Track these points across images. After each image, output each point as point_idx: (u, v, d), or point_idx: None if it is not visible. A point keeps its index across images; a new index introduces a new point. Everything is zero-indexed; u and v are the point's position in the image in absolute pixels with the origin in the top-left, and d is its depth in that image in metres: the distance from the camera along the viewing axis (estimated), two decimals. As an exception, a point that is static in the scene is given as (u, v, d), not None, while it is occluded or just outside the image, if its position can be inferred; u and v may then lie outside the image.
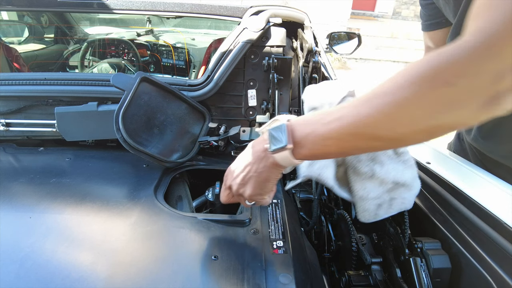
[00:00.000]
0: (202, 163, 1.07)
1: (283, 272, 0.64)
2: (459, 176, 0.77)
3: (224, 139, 1.08)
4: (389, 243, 0.73)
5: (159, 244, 0.69)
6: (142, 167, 0.99)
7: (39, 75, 1.10)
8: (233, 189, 0.64)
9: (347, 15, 8.65)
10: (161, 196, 0.85)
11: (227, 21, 1.31)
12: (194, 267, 0.64)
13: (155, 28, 2.39)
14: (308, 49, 1.12)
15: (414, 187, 0.67)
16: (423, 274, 0.63)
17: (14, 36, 2.18)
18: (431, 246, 0.65)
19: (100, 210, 0.78)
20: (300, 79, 1.19)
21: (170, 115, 1.07)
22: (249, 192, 0.62)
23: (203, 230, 0.74)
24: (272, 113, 1.17)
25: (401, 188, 0.66)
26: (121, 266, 0.62)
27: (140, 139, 0.96)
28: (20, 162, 1.03)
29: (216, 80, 1.12)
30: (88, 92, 1.09)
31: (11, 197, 0.81)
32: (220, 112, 1.22)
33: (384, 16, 12.19)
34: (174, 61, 2.25)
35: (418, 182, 0.68)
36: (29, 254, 0.62)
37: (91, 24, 2.44)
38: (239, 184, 0.62)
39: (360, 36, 1.51)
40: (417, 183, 0.68)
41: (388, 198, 0.67)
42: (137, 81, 0.98)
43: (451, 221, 0.68)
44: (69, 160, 1.03)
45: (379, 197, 0.66)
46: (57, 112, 1.05)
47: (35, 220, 0.72)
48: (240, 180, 0.62)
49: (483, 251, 0.59)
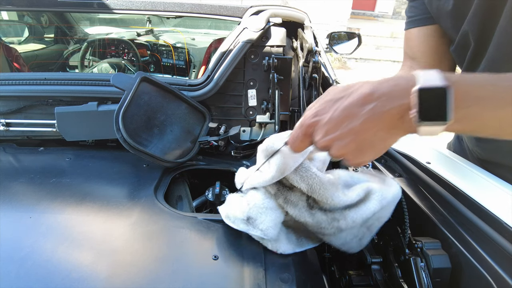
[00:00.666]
0: (202, 163, 1.07)
1: (283, 272, 0.64)
2: (459, 176, 0.77)
3: (224, 139, 1.08)
4: (389, 243, 0.73)
5: (159, 244, 0.69)
6: (142, 167, 0.99)
7: (39, 75, 1.10)
8: (335, 149, 0.46)
9: (347, 15, 8.65)
10: (161, 196, 0.85)
11: (227, 21, 1.31)
12: (194, 267, 0.64)
13: (155, 28, 2.39)
14: (308, 49, 1.12)
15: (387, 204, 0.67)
16: (423, 274, 0.63)
17: (14, 36, 2.18)
18: (431, 246, 0.65)
19: (100, 210, 0.78)
20: (300, 79, 1.19)
21: (170, 115, 1.07)
22: (363, 159, 0.48)
23: (203, 230, 0.74)
24: (272, 113, 1.17)
25: (375, 217, 0.67)
26: (121, 266, 0.62)
27: (140, 139, 0.96)
28: (20, 162, 1.03)
29: (216, 80, 1.12)
30: (88, 92, 1.09)
31: (11, 197, 0.81)
32: (220, 112, 1.22)
33: (384, 16, 12.20)
34: (174, 61, 2.25)
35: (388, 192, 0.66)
36: (29, 254, 0.62)
37: (91, 24, 2.44)
38: (352, 149, 0.46)
39: (360, 36, 1.51)
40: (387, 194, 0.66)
41: (366, 229, 0.69)
42: (137, 81, 0.98)
43: (451, 221, 0.68)
44: (69, 160, 1.03)
45: (357, 235, 0.69)
46: (57, 112, 1.05)
47: (35, 220, 0.72)
48: (354, 145, 0.45)
49: (483, 251, 0.59)
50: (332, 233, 0.66)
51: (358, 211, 0.64)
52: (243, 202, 0.68)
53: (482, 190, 0.70)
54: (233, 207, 0.70)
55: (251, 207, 0.67)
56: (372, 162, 1.03)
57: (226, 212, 0.71)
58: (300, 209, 0.66)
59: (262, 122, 1.19)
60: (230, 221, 0.70)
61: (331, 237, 0.68)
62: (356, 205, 0.65)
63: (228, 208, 0.71)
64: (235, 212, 0.68)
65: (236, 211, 0.68)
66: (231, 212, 0.70)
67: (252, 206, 0.66)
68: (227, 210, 0.71)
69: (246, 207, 0.67)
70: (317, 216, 0.66)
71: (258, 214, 0.66)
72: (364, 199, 0.65)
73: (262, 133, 1.20)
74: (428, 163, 0.86)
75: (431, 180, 0.80)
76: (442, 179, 0.76)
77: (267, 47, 1.19)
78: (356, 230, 0.67)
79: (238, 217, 0.67)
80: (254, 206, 0.66)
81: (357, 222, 0.64)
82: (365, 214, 0.64)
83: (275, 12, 1.21)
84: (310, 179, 0.63)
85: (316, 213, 0.66)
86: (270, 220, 0.65)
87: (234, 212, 0.69)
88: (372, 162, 1.04)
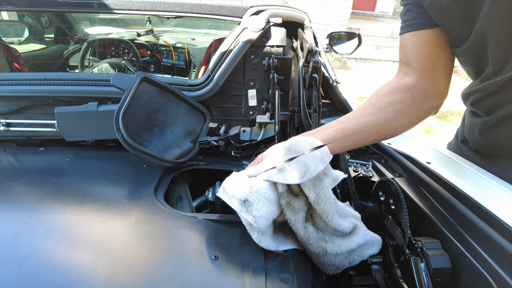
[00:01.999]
0: (202, 163, 1.07)
1: (283, 272, 0.64)
2: (459, 176, 0.77)
3: (224, 139, 1.08)
4: (389, 243, 0.73)
5: (159, 244, 0.69)
6: (142, 167, 0.99)
7: (39, 75, 1.10)
8: None
9: (347, 15, 8.64)
10: (161, 196, 0.85)
11: (227, 21, 1.31)
12: (194, 267, 0.64)
13: (155, 28, 2.39)
14: (308, 49, 1.12)
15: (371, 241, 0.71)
16: (423, 274, 0.63)
17: (14, 36, 2.18)
18: (431, 246, 0.65)
19: (100, 210, 0.78)
20: (300, 79, 1.19)
21: (170, 115, 1.07)
22: None
23: (203, 230, 0.74)
24: (272, 113, 1.17)
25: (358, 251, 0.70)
26: (121, 266, 0.62)
27: (140, 139, 0.96)
28: (21, 162, 1.03)
29: (216, 80, 1.12)
30: (88, 92, 1.09)
31: (11, 197, 0.81)
32: (220, 112, 1.22)
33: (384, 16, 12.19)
34: (174, 61, 2.25)
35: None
36: (29, 254, 0.62)
37: (91, 24, 2.44)
38: None
39: (360, 36, 1.51)
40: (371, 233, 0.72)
41: (348, 262, 0.70)
42: (137, 81, 0.98)
43: (451, 221, 0.68)
44: (69, 160, 1.03)
45: (337, 266, 0.70)
46: (57, 112, 1.05)
47: (35, 220, 0.72)
48: None
49: (484, 251, 0.59)
50: (316, 252, 0.68)
51: (345, 240, 0.68)
52: (246, 184, 0.67)
53: (482, 190, 0.70)
54: (234, 185, 0.69)
55: (252, 191, 0.66)
56: (372, 162, 1.03)
57: (226, 187, 0.70)
58: (298, 218, 0.68)
59: (262, 122, 1.19)
60: (227, 196, 0.68)
61: (313, 254, 0.70)
62: (345, 235, 0.69)
63: (229, 184, 0.70)
64: (235, 190, 0.67)
65: (237, 190, 0.67)
66: (230, 189, 0.68)
67: (253, 191, 0.66)
68: (228, 185, 0.70)
69: (248, 189, 0.66)
70: (308, 231, 0.68)
71: (257, 200, 0.65)
72: (352, 232, 0.70)
73: (262, 133, 1.20)
74: (428, 163, 0.86)
75: (431, 180, 0.80)
76: (442, 179, 0.76)
77: (267, 47, 1.19)
78: (338, 260, 0.69)
79: (236, 196, 0.66)
80: (255, 192, 0.65)
81: (343, 250, 0.68)
82: (351, 245, 0.68)
83: (275, 12, 1.21)
84: (321, 190, 0.64)
85: (309, 227, 0.68)
86: (265, 211, 0.64)
87: (234, 190, 0.67)
88: (372, 162, 1.04)
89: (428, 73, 0.79)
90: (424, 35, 0.77)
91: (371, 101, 0.81)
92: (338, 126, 0.79)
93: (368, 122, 0.78)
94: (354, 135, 0.78)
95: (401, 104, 0.78)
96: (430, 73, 0.79)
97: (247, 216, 0.64)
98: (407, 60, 0.81)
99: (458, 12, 0.69)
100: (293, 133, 1.22)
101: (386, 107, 0.79)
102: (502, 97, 0.73)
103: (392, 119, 0.79)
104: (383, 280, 0.71)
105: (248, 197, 0.65)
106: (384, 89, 0.82)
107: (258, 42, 1.16)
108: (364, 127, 0.78)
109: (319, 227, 0.69)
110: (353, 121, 0.79)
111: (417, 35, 0.78)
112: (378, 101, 0.80)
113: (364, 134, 0.78)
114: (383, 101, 0.80)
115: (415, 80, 0.79)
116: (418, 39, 0.79)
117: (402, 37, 0.82)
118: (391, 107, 0.78)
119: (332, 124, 0.80)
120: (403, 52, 0.82)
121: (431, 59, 0.78)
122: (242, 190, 0.66)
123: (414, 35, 0.79)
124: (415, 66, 0.80)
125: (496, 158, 0.81)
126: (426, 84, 0.79)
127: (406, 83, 0.80)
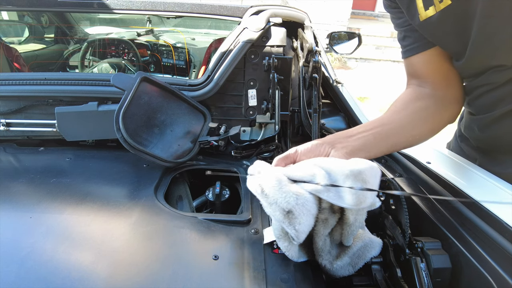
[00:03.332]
0: (202, 163, 1.07)
1: (283, 272, 0.64)
2: (459, 175, 0.77)
3: (225, 139, 1.08)
4: (389, 243, 0.72)
5: (159, 244, 0.69)
6: (142, 167, 0.99)
7: (39, 75, 1.10)
8: None
9: (347, 15, 8.64)
10: (161, 196, 0.85)
11: (227, 21, 1.31)
12: (194, 267, 0.64)
13: (155, 28, 2.39)
14: (309, 49, 1.12)
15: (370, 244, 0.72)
16: (423, 274, 0.63)
17: (14, 36, 2.18)
18: (431, 246, 0.65)
19: (100, 210, 0.78)
20: (301, 79, 1.19)
21: (170, 115, 1.07)
22: None
23: (203, 230, 0.74)
24: (273, 113, 1.17)
25: (359, 254, 0.70)
26: (122, 266, 0.62)
27: (140, 139, 0.96)
28: (21, 162, 1.03)
29: (216, 80, 1.12)
30: (88, 92, 1.09)
31: (12, 197, 0.81)
32: (221, 112, 1.22)
33: (384, 16, 12.18)
34: (174, 61, 2.25)
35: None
36: (29, 254, 0.62)
37: (91, 24, 2.43)
38: None
39: (360, 36, 1.51)
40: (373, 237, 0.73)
41: (351, 267, 0.70)
42: (137, 81, 0.98)
43: (451, 220, 0.68)
44: (69, 160, 1.03)
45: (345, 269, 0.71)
46: (57, 112, 1.05)
47: (35, 220, 0.72)
48: None
49: (484, 251, 0.59)
50: (323, 265, 0.69)
51: (351, 256, 0.69)
52: (290, 192, 0.60)
53: (483, 189, 0.70)
54: (276, 189, 0.61)
55: (298, 203, 0.60)
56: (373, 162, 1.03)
57: (265, 187, 0.62)
58: (325, 232, 0.66)
59: (263, 122, 1.19)
60: (267, 201, 0.61)
61: (321, 264, 0.70)
62: (351, 252, 0.70)
63: (269, 185, 0.62)
64: (277, 197, 0.60)
65: (280, 198, 0.60)
66: (272, 194, 0.60)
67: (299, 204, 0.60)
68: (267, 186, 0.62)
69: (293, 200, 0.60)
70: (326, 243, 0.68)
71: (301, 214, 0.60)
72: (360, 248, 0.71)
73: (262, 133, 1.20)
74: (428, 163, 0.85)
75: (431, 180, 0.80)
76: (442, 179, 0.76)
77: (267, 47, 1.19)
78: (342, 272, 0.70)
79: (280, 204, 0.60)
80: (301, 205, 0.60)
81: (345, 263, 0.69)
82: (352, 251, 0.69)
83: (275, 12, 1.21)
84: (360, 216, 0.65)
85: (327, 240, 0.69)
86: (307, 226, 0.61)
87: (277, 196, 0.60)
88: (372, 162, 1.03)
89: (443, 85, 0.80)
90: (429, 54, 0.78)
91: (396, 108, 0.80)
92: (373, 131, 0.76)
93: (399, 128, 0.77)
94: (387, 140, 0.77)
95: (427, 110, 0.79)
96: (445, 84, 0.80)
97: (289, 229, 0.60)
98: (418, 76, 0.82)
99: (447, 29, 0.71)
100: (293, 133, 1.22)
101: (413, 114, 0.78)
102: (502, 93, 0.73)
103: (420, 125, 0.79)
104: (383, 280, 0.71)
105: (293, 209, 0.59)
106: (405, 97, 0.82)
107: (258, 42, 1.16)
108: (395, 133, 0.77)
109: (333, 241, 0.70)
110: (386, 126, 0.77)
111: (422, 56, 0.79)
112: (404, 108, 0.80)
113: (396, 141, 0.78)
114: (408, 107, 0.79)
115: (432, 90, 0.80)
116: (424, 59, 0.79)
117: (408, 59, 0.82)
118: (418, 114, 0.78)
119: (366, 128, 0.77)
120: (413, 71, 0.83)
121: (442, 72, 0.79)
122: (287, 199, 0.60)
123: (419, 57, 0.80)
124: (428, 80, 0.80)
125: (497, 155, 0.82)
126: (443, 94, 0.80)
127: (425, 92, 0.80)
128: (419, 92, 0.81)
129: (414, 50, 0.80)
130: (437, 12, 0.68)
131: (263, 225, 0.77)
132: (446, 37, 0.73)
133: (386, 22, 11.13)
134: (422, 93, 0.80)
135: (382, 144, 0.77)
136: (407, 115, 0.79)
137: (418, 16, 0.72)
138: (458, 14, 0.67)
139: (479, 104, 0.80)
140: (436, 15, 0.69)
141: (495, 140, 0.81)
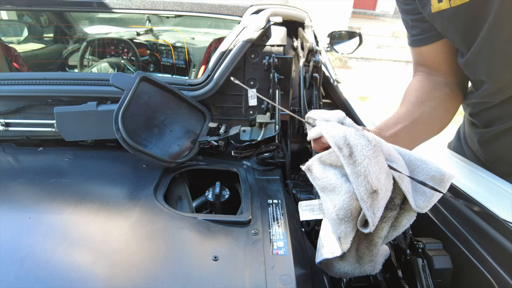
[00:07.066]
0: (202, 163, 1.07)
1: (283, 272, 0.64)
2: (460, 175, 0.76)
3: (224, 139, 1.08)
4: (390, 243, 0.72)
5: (159, 244, 0.69)
6: (142, 167, 0.99)
7: (39, 75, 1.09)
8: None
9: (348, 14, 8.64)
10: (161, 196, 0.84)
11: (227, 20, 1.30)
12: (194, 268, 0.64)
13: (155, 27, 2.38)
14: (309, 48, 1.12)
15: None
16: (424, 274, 0.63)
17: (13, 36, 2.18)
18: (432, 246, 0.65)
19: (99, 210, 0.77)
20: (301, 78, 1.18)
21: (170, 115, 1.06)
22: None
23: (203, 231, 0.73)
24: (273, 112, 1.16)
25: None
26: (121, 267, 0.62)
27: (140, 139, 0.96)
28: (20, 162, 1.02)
29: (216, 79, 1.12)
30: (87, 92, 1.08)
31: (11, 197, 0.81)
32: (220, 111, 1.22)
33: (385, 15, 12.18)
34: (174, 60, 2.24)
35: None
36: (28, 255, 0.62)
37: (90, 23, 2.43)
38: None
39: (361, 35, 1.51)
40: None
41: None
42: (137, 80, 0.98)
43: (452, 221, 0.68)
44: (69, 160, 1.02)
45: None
46: (56, 112, 1.05)
47: (34, 220, 0.72)
48: None
49: (485, 252, 0.59)
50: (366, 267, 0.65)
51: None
52: (386, 168, 0.51)
53: (483, 189, 0.70)
54: (369, 156, 0.49)
55: (386, 185, 0.51)
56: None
57: (350, 142, 0.49)
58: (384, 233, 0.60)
59: (263, 122, 1.19)
60: (352, 167, 0.49)
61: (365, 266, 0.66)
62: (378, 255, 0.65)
63: (359, 145, 0.49)
64: (370, 168, 0.48)
65: (373, 170, 0.48)
66: (363, 160, 0.48)
67: (388, 186, 0.51)
68: (353, 142, 0.49)
69: (384, 179, 0.50)
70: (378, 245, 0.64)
71: (384, 199, 0.51)
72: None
73: (262, 133, 1.20)
74: (429, 163, 0.85)
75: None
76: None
77: (268, 46, 1.19)
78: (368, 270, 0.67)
79: (370, 179, 0.48)
80: (387, 189, 0.51)
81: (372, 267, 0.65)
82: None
83: (275, 11, 1.21)
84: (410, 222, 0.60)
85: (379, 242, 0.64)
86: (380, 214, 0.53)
87: (370, 166, 0.48)
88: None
89: (453, 73, 0.80)
90: (440, 45, 0.78)
91: (417, 99, 0.77)
92: (402, 124, 0.72)
93: (425, 118, 0.75)
94: (416, 132, 0.75)
95: (446, 99, 0.78)
96: (454, 73, 0.80)
97: (368, 212, 0.49)
98: (428, 66, 0.81)
99: (457, 26, 0.70)
100: (294, 133, 1.21)
101: (439, 106, 0.77)
102: (500, 111, 0.74)
103: (446, 117, 0.79)
104: (383, 280, 0.71)
105: (379, 190, 0.49)
106: (423, 86, 0.80)
107: (258, 41, 1.16)
108: (421, 123, 0.75)
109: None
110: (415, 123, 0.74)
111: (432, 46, 0.79)
112: (425, 98, 0.77)
113: (423, 132, 0.77)
114: (429, 97, 0.77)
115: (444, 78, 0.80)
116: (435, 48, 0.79)
117: (418, 49, 0.82)
118: (440, 104, 0.77)
119: (397, 121, 0.73)
120: (422, 60, 0.82)
121: (453, 62, 0.79)
122: (379, 177, 0.49)
123: (430, 47, 0.79)
124: (438, 70, 0.80)
125: (497, 167, 0.81)
126: (455, 81, 0.80)
127: (440, 81, 0.80)
128: (434, 81, 0.80)
129: (423, 40, 0.79)
130: (451, 7, 0.68)
131: (263, 225, 0.77)
132: (454, 34, 0.72)
133: (387, 22, 11.13)
134: (437, 82, 0.80)
135: (410, 143, 0.75)
136: (433, 107, 0.76)
137: (431, 6, 0.71)
138: (471, 15, 0.66)
139: (480, 118, 0.81)
140: (450, 9, 0.68)
141: (493, 153, 0.82)
